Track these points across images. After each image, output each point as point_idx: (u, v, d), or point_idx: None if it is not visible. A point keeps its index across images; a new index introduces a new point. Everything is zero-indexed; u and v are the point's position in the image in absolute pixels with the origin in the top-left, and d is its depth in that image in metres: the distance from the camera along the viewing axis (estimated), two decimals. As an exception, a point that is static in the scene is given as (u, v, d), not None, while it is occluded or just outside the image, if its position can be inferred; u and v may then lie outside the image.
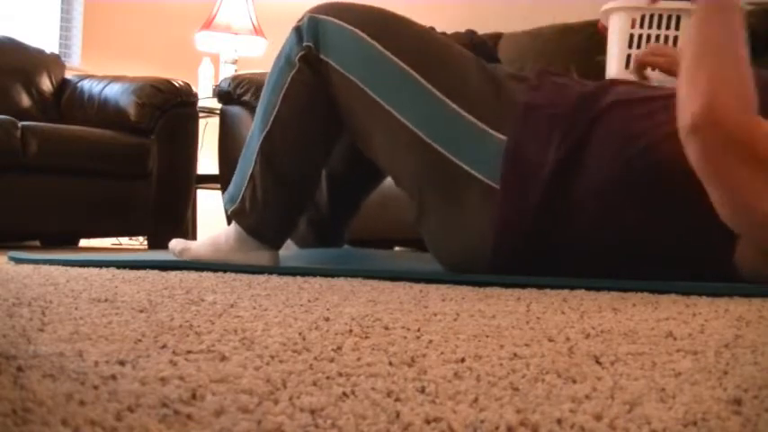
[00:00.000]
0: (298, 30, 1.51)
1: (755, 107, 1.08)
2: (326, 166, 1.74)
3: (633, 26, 2.39)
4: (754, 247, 1.13)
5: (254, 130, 1.55)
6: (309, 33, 1.47)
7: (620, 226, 1.22)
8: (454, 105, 1.35)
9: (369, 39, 1.42)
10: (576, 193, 1.23)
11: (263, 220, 1.53)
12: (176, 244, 1.64)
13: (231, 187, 1.57)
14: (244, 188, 1.53)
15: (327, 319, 0.79)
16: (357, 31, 1.43)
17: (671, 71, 1.50)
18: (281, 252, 1.60)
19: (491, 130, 1.32)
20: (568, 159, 1.24)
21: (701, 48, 1.14)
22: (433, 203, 1.39)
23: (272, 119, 1.50)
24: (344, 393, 0.46)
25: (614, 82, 1.39)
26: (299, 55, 1.48)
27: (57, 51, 3.78)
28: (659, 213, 1.20)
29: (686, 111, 1.10)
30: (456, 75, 1.40)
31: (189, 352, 0.59)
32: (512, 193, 1.27)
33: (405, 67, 1.39)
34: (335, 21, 1.45)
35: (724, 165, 1.08)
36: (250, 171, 1.52)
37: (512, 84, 1.39)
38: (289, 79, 1.49)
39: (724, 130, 1.07)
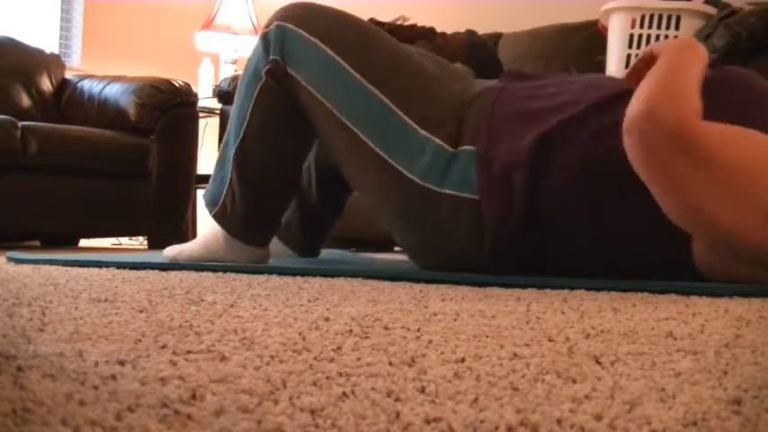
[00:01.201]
0: (265, 38, 1.50)
1: (699, 111, 1.09)
2: (315, 161, 1.75)
3: (633, 26, 2.39)
4: (709, 249, 1.13)
5: (228, 138, 1.57)
6: (276, 45, 1.47)
7: (589, 221, 1.23)
8: (414, 125, 1.35)
9: (332, 53, 1.42)
10: (551, 189, 1.24)
11: (244, 223, 1.57)
12: (170, 250, 1.68)
13: (210, 190, 1.61)
14: (223, 194, 1.57)
15: (327, 319, 0.79)
16: (321, 45, 1.43)
17: None
18: (282, 254, 1.61)
19: (453, 148, 1.32)
20: (540, 156, 1.24)
21: (655, 71, 1.16)
22: (398, 221, 1.41)
23: (243, 128, 1.52)
24: (344, 393, 0.46)
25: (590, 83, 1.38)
26: (266, 68, 1.49)
27: (57, 51, 3.78)
28: (619, 211, 1.20)
29: (627, 113, 1.12)
30: (419, 91, 1.40)
31: (189, 352, 0.59)
32: (494, 199, 1.27)
33: (365, 83, 1.40)
34: (301, 33, 1.45)
35: (661, 161, 1.08)
36: (228, 178, 1.55)
37: (480, 97, 1.39)
38: (257, 91, 1.50)
39: (661, 125, 1.07)
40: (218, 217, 1.58)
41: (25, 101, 3.30)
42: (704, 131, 1.07)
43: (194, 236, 3.83)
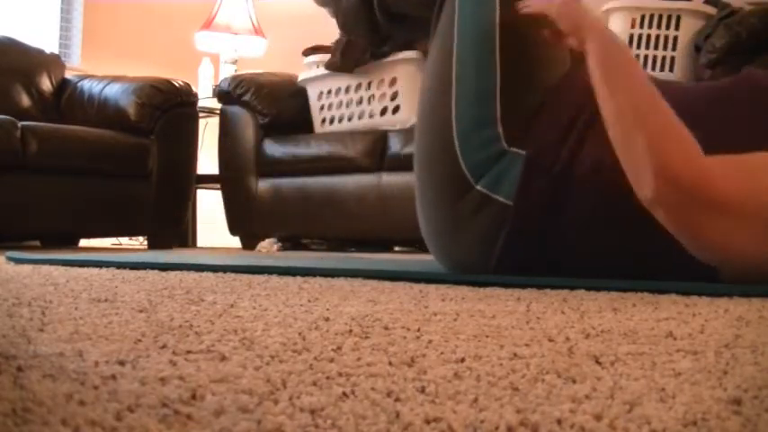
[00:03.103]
0: None
1: (698, 149, 1.08)
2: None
3: (633, 26, 2.39)
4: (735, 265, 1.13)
5: None
6: None
7: (609, 225, 1.22)
8: (498, 117, 1.31)
9: (497, 2, 1.35)
10: (574, 188, 1.23)
11: (346, 3, 1.59)
12: None
13: None
14: None
15: (327, 319, 0.79)
16: None
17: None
18: (283, 254, 1.60)
19: (507, 145, 1.29)
20: (570, 160, 1.23)
21: (618, 105, 1.14)
22: (427, 189, 1.38)
23: None
24: (344, 393, 0.46)
25: None
26: None
27: (57, 51, 3.78)
28: (642, 224, 1.19)
29: (640, 184, 1.10)
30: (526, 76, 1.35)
31: (189, 352, 0.59)
32: (527, 207, 1.25)
33: (497, 47, 1.34)
34: None
35: (692, 224, 1.09)
36: None
37: (559, 86, 1.34)
38: None
39: (681, 192, 1.07)
40: None
41: (25, 101, 3.30)
42: (711, 174, 1.07)
43: (194, 236, 3.83)
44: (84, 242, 3.57)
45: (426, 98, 1.42)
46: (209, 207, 3.93)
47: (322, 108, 3.21)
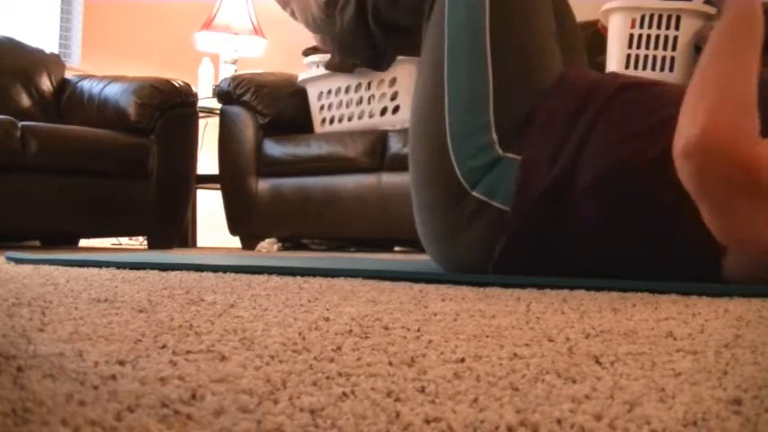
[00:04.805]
0: None
1: (757, 130, 1.06)
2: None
3: (633, 26, 2.39)
4: (743, 262, 1.12)
5: None
6: None
7: (611, 228, 1.21)
8: (493, 123, 1.30)
9: (487, 7, 1.35)
10: (575, 194, 1.22)
11: (340, 25, 1.60)
12: None
13: None
14: None
15: (327, 319, 0.79)
16: None
17: None
18: (283, 255, 1.60)
19: (502, 150, 1.29)
20: (571, 163, 1.23)
21: (715, 61, 1.12)
22: (423, 194, 1.38)
23: None
24: (344, 393, 0.46)
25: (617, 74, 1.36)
26: None
27: (57, 51, 3.78)
28: (645, 220, 1.18)
29: (683, 133, 1.09)
30: (522, 81, 1.34)
31: (189, 352, 0.59)
32: (524, 213, 1.24)
33: (488, 49, 1.33)
34: None
35: (716, 189, 1.07)
36: None
37: (554, 89, 1.34)
38: None
39: (719, 158, 1.05)
40: (327, 4, 1.59)
41: (25, 101, 3.30)
42: (762, 163, 1.05)
43: (194, 236, 3.83)
44: (84, 242, 3.57)
45: (419, 105, 1.42)
46: (209, 207, 3.93)
47: (322, 108, 3.21)
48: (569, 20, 1.56)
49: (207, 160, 3.90)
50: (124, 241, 4.02)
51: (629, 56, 2.35)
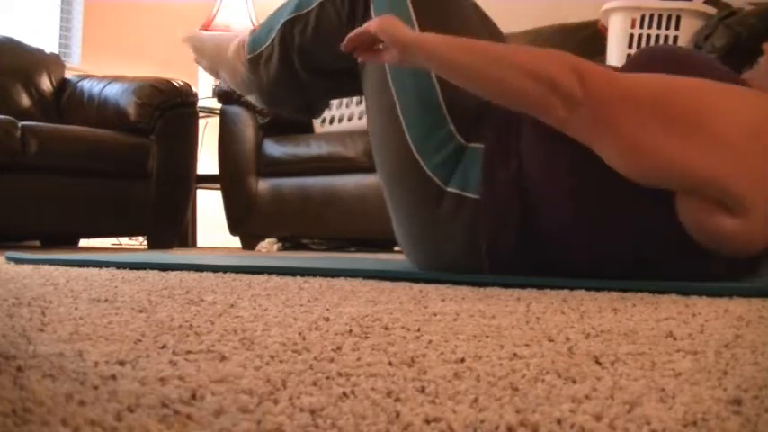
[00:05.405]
0: None
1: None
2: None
3: (633, 26, 2.39)
4: (688, 198, 1.10)
5: (288, 2, 1.57)
6: None
7: (591, 240, 1.21)
8: (446, 111, 1.34)
9: (411, 9, 1.39)
10: (547, 181, 1.22)
11: (267, 79, 1.60)
12: (192, 35, 1.69)
13: (257, 34, 1.61)
14: (264, 46, 1.58)
15: (327, 319, 0.79)
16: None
17: None
18: (283, 255, 1.60)
19: (465, 140, 1.31)
20: (535, 151, 1.23)
21: (482, 74, 1.17)
22: (400, 206, 1.39)
23: (303, 11, 1.52)
24: (344, 393, 0.46)
25: None
26: None
27: (57, 51, 3.78)
28: (624, 224, 1.18)
29: (551, 107, 1.11)
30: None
31: (189, 352, 0.59)
32: (495, 201, 1.25)
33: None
34: None
35: (613, 127, 1.10)
36: (272, 36, 1.57)
37: None
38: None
39: (600, 93, 1.09)
40: (251, 62, 1.60)
41: (25, 101, 3.30)
42: (630, 82, 1.11)
43: (194, 236, 3.83)
44: (84, 242, 3.57)
45: (374, 131, 1.46)
46: (209, 207, 3.93)
47: (322, 108, 3.21)
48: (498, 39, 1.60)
49: (207, 160, 3.90)
50: (124, 241, 4.02)
51: (629, 56, 2.35)
